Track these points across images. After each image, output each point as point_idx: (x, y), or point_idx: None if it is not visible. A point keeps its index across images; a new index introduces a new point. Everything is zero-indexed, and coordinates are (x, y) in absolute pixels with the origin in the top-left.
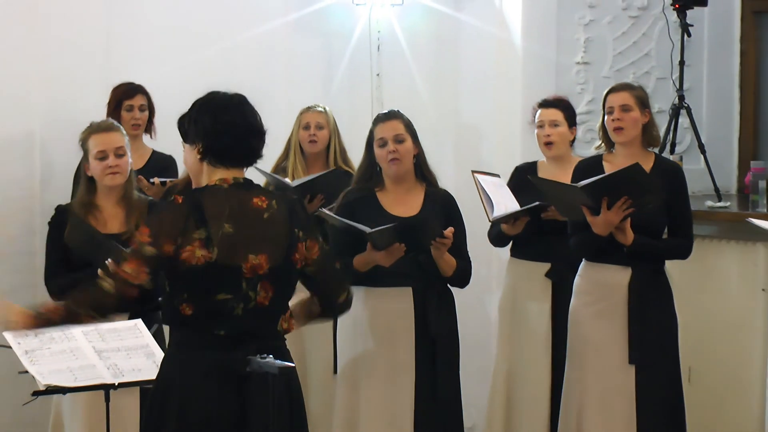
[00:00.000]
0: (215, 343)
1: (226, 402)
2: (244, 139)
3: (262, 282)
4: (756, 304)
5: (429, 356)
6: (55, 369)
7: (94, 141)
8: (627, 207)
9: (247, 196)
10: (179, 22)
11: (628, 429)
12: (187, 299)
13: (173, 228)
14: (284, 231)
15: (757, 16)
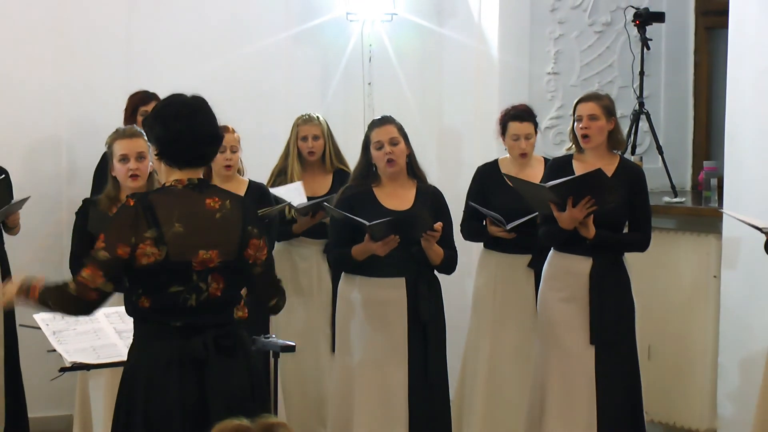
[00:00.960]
0: (174, 334)
1: (188, 388)
2: (193, 145)
3: (213, 274)
4: (708, 289)
5: (420, 340)
6: (80, 348)
7: (118, 145)
8: (590, 205)
9: (199, 198)
10: (191, 37)
11: (588, 405)
12: (143, 293)
13: (125, 231)
14: (237, 228)
15: (709, 32)
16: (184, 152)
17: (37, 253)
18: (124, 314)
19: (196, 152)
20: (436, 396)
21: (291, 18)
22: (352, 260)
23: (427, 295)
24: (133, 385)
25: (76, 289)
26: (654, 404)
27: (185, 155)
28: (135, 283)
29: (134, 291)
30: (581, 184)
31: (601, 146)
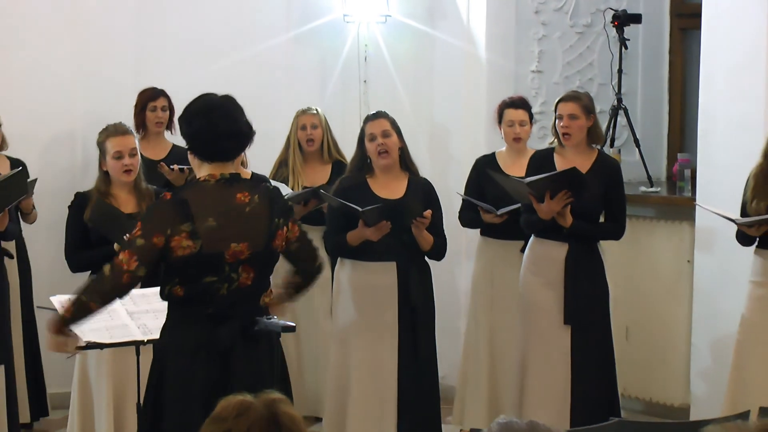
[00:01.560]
0: (204, 321)
1: (213, 373)
2: (219, 141)
3: (244, 265)
4: (682, 273)
5: (410, 321)
6: (94, 328)
7: (111, 143)
8: (566, 198)
9: (230, 192)
10: (198, 37)
11: (564, 382)
12: (178, 282)
13: (161, 222)
14: (265, 222)
15: (684, 33)
16: (206, 147)
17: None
18: (136, 296)
19: (217, 147)
20: (425, 376)
21: (291, 20)
22: (347, 246)
23: (416, 279)
24: (163, 365)
25: (111, 271)
26: (632, 382)
27: (207, 150)
28: (171, 273)
29: (170, 280)
30: (557, 180)
31: (581, 142)
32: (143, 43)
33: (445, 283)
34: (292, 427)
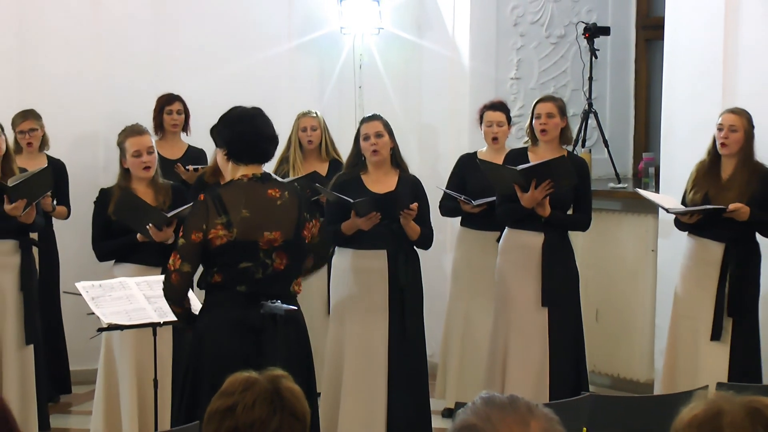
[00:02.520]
0: (237, 301)
1: (247, 350)
2: (256, 145)
3: (277, 252)
4: (647, 261)
5: (399, 302)
6: (115, 311)
7: (130, 142)
8: (549, 188)
9: (262, 188)
10: (208, 47)
11: (541, 354)
12: (216, 270)
13: (197, 221)
14: (295, 214)
15: (648, 43)
16: (248, 150)
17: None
18: (153, 282)
19: (259, 150)
20: (414, 352)
21: (293, 31)
22: (342, 235)
23: (404, 264)
24: (201, 343)
25: (166, 277)
26: (601, 359)
27: (250, 153)
28: (210, 263)
29: (209, 269)
30: (547, 167)
31: (554, 141)
32: (160, 53)
33: (434, 269)
34: (293, 399)
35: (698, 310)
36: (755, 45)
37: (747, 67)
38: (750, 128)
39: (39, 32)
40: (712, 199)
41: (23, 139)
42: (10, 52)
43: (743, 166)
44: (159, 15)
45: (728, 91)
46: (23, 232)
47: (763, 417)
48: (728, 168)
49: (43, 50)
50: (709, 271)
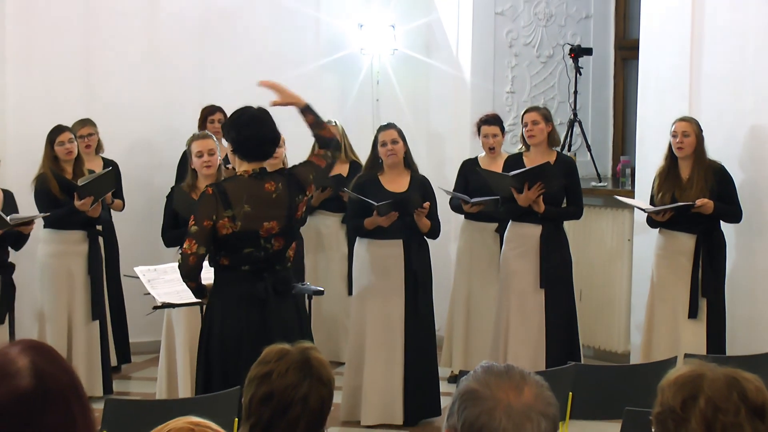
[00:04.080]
0: (243, 278)
1: (252, 319)
2: (257, 147)
3: (275, 237)
4: (623, 249)
5: (412, 284)
6: (168, 291)
7: (195, 145)
8: (540, 188)
9: (260, 183)
10: (247, 64)
11: (539, 331)
12: (224, 255)
13: (207, 211)
14: (287, 202)
15: (625, 62)
16: (251, 150)
17: (134, 226)
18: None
19: (260, 150)
20: (424, 326)
21: (319, 52)
22: (364, 229)
23: (417, 252)
24: (212, 316)
25: (182, 258)
26: (584, 334)
27: (252, 152)
28: (218, 248)
29: (218, 253)
30: (534, 173)
31: (543, 144)
32: (205, 69)
33: (441, 256)
34: (320, 367)
35: (674, 294)
36: (716, 64)
37: (709, 82)
38: (700, 132)
39: (101, 54)
40: (678, 199)
41: (82, 143)
42: (77, 71)
43: (699, 166)
44: (205, 37)
45: (693, 103)
46: (90, 224)
47: (739, 385)
48: (686, 169)
49: (104, 69)
50: (682, 260)
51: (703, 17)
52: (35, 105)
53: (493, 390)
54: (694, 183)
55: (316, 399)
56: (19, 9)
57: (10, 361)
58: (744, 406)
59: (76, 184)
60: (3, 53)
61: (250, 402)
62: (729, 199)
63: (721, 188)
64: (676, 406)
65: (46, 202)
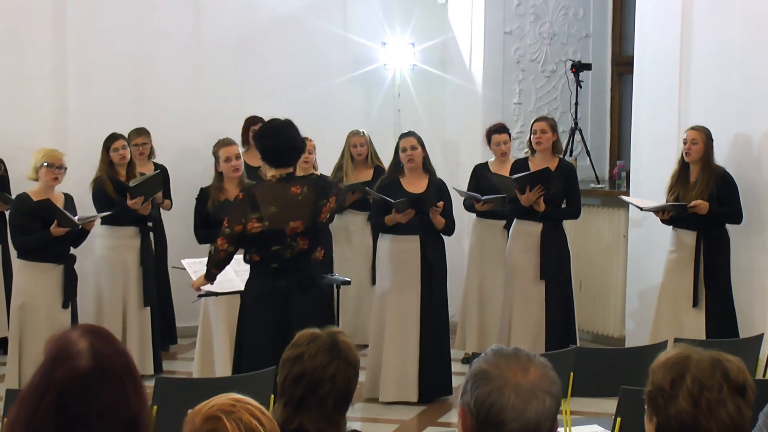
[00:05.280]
0: (271, 275)
1: (277, 313)
2: (281, 155)
3: (300, 236)
4: (619, 244)
5: (428, 275)
6: None
7: (222, 151)
8: (540, 191)
9: (286, 187)
10: (283, 78)
11: (539, 318)
12: (254, 251)
13: (238, 215)
14: (312, 205)
15: (620, 76)
16: (274, 157)
17: (182, 225)
18: (239, 260)
19: (283, 158)
20: (438, 313)
21: (347, 67)
22: (385, 226)
23: (432, 247)
24: (245, 307)
25: (215, 251)
26: (584, 320)
27: (276, 159)
28: (249, 245)
29: (249, 250)
30: (534, 177)
31: (547, 151)
32: (244, 83)
33: (454, 250)
34: (347, 350)
35: (678, 285)
36: (703, 78)
37: (696, 95)
38: (708, 140)
39: (152, 69)
40: (682, 199)
41: (136, 150)
42: (130, 85)
43: (705, 170)
44: (244, 54)
45: (682, 113)
46: (142, 221)
47: (722, 366)
48: (694, 173)
49: (154, 83)
50: (686, 255)
51: (691, 37)
52: (93, 115)
53: (503, 370)
54: (697, 186)
55: (343, 378)
56: (79, 29)
57: (71, 344)
58: (726, 384)
59: (129, 186)
60: (66, 69)
61: (284, 381)
62: (729, 201)
63: (721, 191)
64: (665, 385)
65: (102, 202)
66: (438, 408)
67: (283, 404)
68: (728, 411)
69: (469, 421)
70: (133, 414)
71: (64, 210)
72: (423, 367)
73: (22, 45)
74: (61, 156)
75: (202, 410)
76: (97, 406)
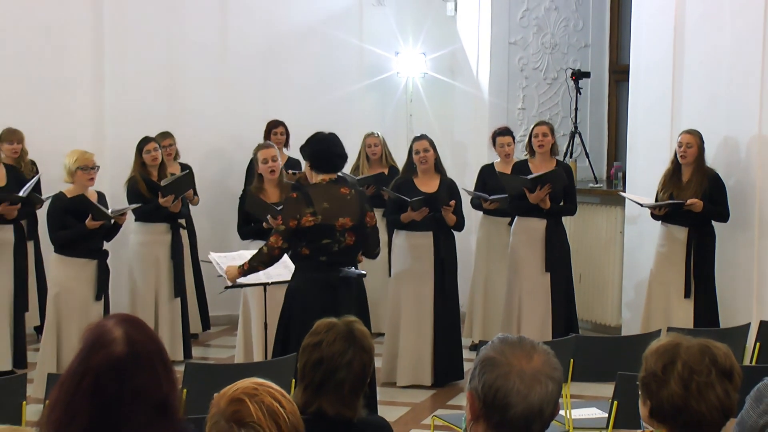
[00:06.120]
0: (319, 267)
1: (326, 301)
2: (329, 161)
3: (348, 232)
4: (616, 239)
5: (440, 269)
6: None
7: (261, 154)
8: (548, 189)
9: (336, 188)
10: (303, 84)
11: (546, 307)
12: (305, 245)
13: (293, 211)
14: (359, 205)
15: (617, 83)
16: (324, 165)
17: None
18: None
19: (331, 164)
20: (450, 303)
21: (363, 75)
22: (400, 223)
23: (444, 242)
24: (293, 296)
25: (268, 249)
26: (583, 310)
27: (325, 166)
28: (300, 239)
29: (299, 243)
30: (545, 177)
31: (546, 153)
32: (267, 89)
33: (464, 245)
34: (363, 338)
35: (669, 277)
36: (694, 85)
37: (688, 101)
38: (701, 143)
39: (181, 75)
40: (676, 198)
41: (164, 152)
42: (160, 90)
43: (698, 171)
44: (267, 62)
45: (675, 117)
46: (173, 217)
47: (710, 352)
48: (687, 173)
49: (184, 88)
50: (676, 249)
51: (683, 47)
52: (127, 119)
53: (508, 357)
54: (691, 185)
55: (358, 364)
56: (115, 41)
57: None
58: (714, 368)
59: (160, 185)
60: (103, 77)
61: (303, 366)
62: (720, 200)
63: (713, 191)
64: (657, 370)
65: (136, 200)
66: (449, 392)
67: (303, 388)
68: (717, 394)
69: (477, 404)
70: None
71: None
72: (436, 353)
73: (63, 56)
74: (92, 157)
75: (226, 393)
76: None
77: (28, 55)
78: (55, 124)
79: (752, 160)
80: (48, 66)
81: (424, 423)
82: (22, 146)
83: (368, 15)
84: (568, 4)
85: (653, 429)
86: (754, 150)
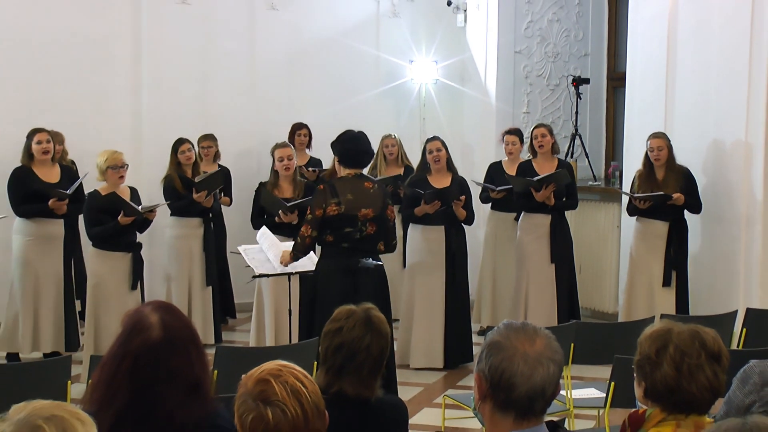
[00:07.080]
0: (342, 253)
1: (347, 284)
2: (356, 157)
3: (369, 222)
4: (613, 233)
5: (451, 260)
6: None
7: (277, 152)
8: (554, 188)
9: (360, 181)
10: (325, 90)
11: (552, 296)
12: (329, 233)
13: (320, 201)
14: (381, 198)
15: (615, 89)
16: (351, 160)
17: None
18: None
19: (358, 159)
20: (460, 292)
21: (379, 82)
22: (415, 216)
23: (455, 235)
24: (316, 281)
25: (301, 239)
26: (583, 298)
27: (352, 161)
28: (325, 227)
29: (324, 232)
30: (552, 177)
31: (547, 152)
32: (293, 95)
33: (473, 238)
34: (380, 323)
35: (650, 268)
36: (686, 91)
37: (680, 105)
38: (669, 144)
39: (214, 81)
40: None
41: (203, 152)
42: (194, 96)
43: (671, 170)
44: (292, 71)
45: (668, 121)
46: (205, 212)
47: (700, 336)
48: (660, 173)
49: (217, 94)
50: (657, 242)
51: (675, 56)
52: (164, 121)
53: (513, 341)
54: (669, 183)
55: (376, 348)
56: (153, 50)
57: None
58: (704, 351)
59: (194, 181)
60: (141, 83)
61: (325, 351)
62: (694, 194)
63: (687, 186)
64: (651, 354)
65: (171, 196)
66: (458, 373)
67: (325, 371)
68: (706, 375)
69: (484, 385)
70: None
71: (129, 201)
72: (447, 338)
73: (104, 64)
74: (121, 156)
75: (253, 374)
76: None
77: (75, 65)
78: (97, 128)
79: (738, 162)
80: (91, 74)
81: (436, 402)
82: (63, 147)
83: (385, 26)
84: (569, 16)
85: (647, 408)
86: (740, 152)
